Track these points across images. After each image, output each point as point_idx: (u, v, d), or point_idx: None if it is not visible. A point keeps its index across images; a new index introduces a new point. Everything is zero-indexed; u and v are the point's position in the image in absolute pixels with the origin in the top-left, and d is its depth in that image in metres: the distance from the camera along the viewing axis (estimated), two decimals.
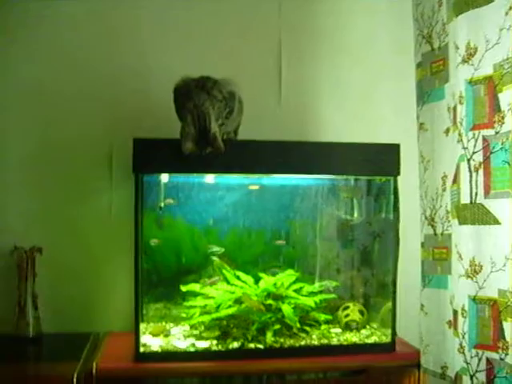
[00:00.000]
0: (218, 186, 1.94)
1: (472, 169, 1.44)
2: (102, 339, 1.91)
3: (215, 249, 1.92)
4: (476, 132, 1.44)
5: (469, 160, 1.45)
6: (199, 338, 1.79)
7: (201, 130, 1.59)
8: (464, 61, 1.46)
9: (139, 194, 1.68)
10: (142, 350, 1.67)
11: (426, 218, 1.73)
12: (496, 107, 1.39)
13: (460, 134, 1.48)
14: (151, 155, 1.66)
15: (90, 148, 2.03)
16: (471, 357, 1.46)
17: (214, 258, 1.92)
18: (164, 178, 1.88)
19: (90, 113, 2.03)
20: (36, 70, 2.02)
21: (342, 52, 2.16)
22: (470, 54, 1.44)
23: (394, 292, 1.80)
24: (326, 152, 1.75)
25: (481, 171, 1.42)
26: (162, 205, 1.88)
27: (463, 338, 1.48)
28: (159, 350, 1.71)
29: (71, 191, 2.02)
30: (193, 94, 1.63)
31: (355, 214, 2.03)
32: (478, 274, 1.43)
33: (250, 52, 2.11)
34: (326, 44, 2.16)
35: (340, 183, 2.02)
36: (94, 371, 1.58)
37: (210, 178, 1.86)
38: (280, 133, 1.93)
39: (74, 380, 1.53)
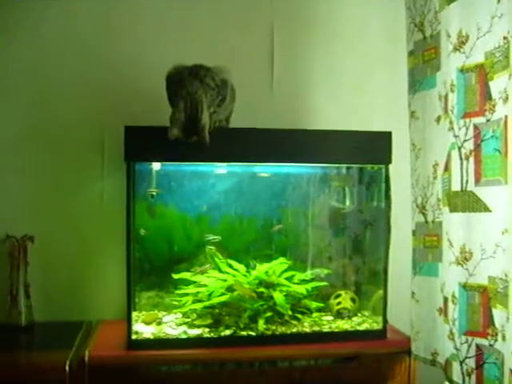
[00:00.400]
0: (210, 174, 1.94)
1: (463, 156, 1.45)
2: (94, 327, 1.91)
3: (212, 237, 1.93)
4: (467, 120, 1.44)
5: (460, 148, 1.46)
6: (191, 326, 1.80)
7: (191, 119, 1.59)
8: (455, 49, 1.46)
9: (131, 182, 1.67)
10: (134, 337, 1.68)
11: (417, 205, 1.73)
12: (487, 95, 1.40)
13: (451, 122, 1.48)
14: (143, 143, 1.66)
15: (82, 136, 2.02)
16: (461, 343, 1.47)
17: (210, 247, 1.92)
18: (156, 166, 1.88)
19: (82, 101, 2.02)
20: (29, 55, 2.00)
21: (334, 40, 2.16)
22: (462, 41, 1.44)
23: (386, 280, 1.81)
24: (318, 140, 1.75)
25: (472, 159, 1.43)
26: (154, 193, 1.88)
27: (453, 324, 1.49)
28: (151, 338, 1.72)
29: (63, 179, 2.02)
30: (186, 82, 1.63)
31: (347, 203, 2.04)
32: (468, 261, 1.44)
33: (242, 40, 2.11)
34: (318, 32, 2.15)
35: (332, 171, 2.03)
36: (86, 359, 1.59)
37: (202, 166, 1.86)
38: (272, 121, 1.91)
39: (67, 368, 1.54)
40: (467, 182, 1.44)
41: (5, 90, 2.00)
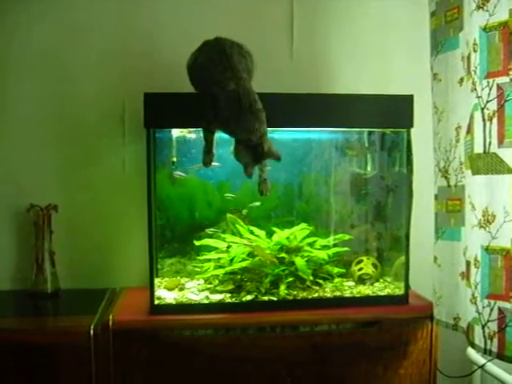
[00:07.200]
0: (230, 140, 1.93)
1: (486, 118, 1.42)
2: (118, 294, 1.94)
3: (256, 203, 1.95)
4: (490, 80, 1.40)
5: (483, 109, 1.43)
6: (213, 291, 1.81)
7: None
8: (479, 7, 1.42)
9: (151, 149, 1.68)
10: (156, 302, 1.70)
11: (439, 169, 1.71)
12: (511, 54, 1.36)
13: (474, 83, 1.45)
14: (162, 110, 1.66)
15: (103, 105, 2.02)
16: (483, 307, 1.46)
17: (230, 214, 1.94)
18: (176, 132, 1.88)
19: (102, 69, 2.02)
20: (48, 27, 2.00)
21: (354, 3, 2.12)
22: None
23: (408, 245, 1.80)
24: (338, 104, 1.73)
25: (495, 120, 1.40)
26: (175, 159, 1.88)
27: (475, 288, 1.48)
28: (174, 303, 1.74)
29: (85, 148, 2.03)
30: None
31: (368, 168, 2.02)
32: (490, 223, 1.42)
33: (261, 7, 2.08)
34: None
35: (353, 136, 2.00)
36: (110, 324, 1.62)
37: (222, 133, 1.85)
38: (293, 86, 1.89)
39: (91, 332, 1.57)
40: (490, 143, 1.41)
41: (28, 63, 2.00)
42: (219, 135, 1.63)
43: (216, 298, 1.77)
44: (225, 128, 1.58)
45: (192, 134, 1.88)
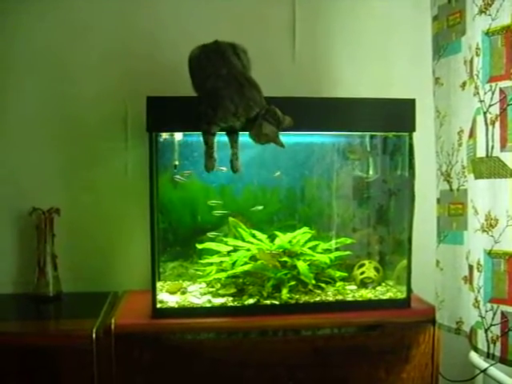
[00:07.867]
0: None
1: (488, 122, 1.42)
2: (120, 298, 1.94)
3: (259, 207, 1.96)
4: (493, 84, 1.41)
5: (485, 113, 1.43)
6: (215, 295, 1.81)
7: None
8: (481, 11, 1.42)
9: (153, 153, 1.68)
10: (158, 306, 1.70)
11: (441, 173, 1.71)
12: None
13: (476, 87, 1.45)
14: (165, 114, 1.66)
15: (105, 108, 2.02)
16: (486, 311, 1.46)
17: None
18: (178, 136, 1.88)
19: (104, 72, 2.02)
20: (49, 28, 2.01)
21: (357, 6, 2.12)
22: (488, 3, 1.40)
23: (410, 249, 1.80)
24: (341, 108, 1.73)
25: (497, 124, 1.40)
26: (177, 163, 1.88)
27: (478, 292, 1.48)
28: (176, 307, 1.74)
29: (88, 151, 2.03)
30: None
31: (370, 172, 2.02)
32: (493, 228, 1.42)
33: (264, 9, 2.08)
34: None
35: (355, 140, 2.01)
36: (112, 327, 1.61)
37: (224, 136, 1.85)
38: (294, 89, 1.90)
39: (93, 335, 1.57)
40: (493, 147, 1.41)
41: (30, 64, 2.01)
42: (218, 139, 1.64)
43: (218, 301, 1.77)
44: (229, 114, 1.58)
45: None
